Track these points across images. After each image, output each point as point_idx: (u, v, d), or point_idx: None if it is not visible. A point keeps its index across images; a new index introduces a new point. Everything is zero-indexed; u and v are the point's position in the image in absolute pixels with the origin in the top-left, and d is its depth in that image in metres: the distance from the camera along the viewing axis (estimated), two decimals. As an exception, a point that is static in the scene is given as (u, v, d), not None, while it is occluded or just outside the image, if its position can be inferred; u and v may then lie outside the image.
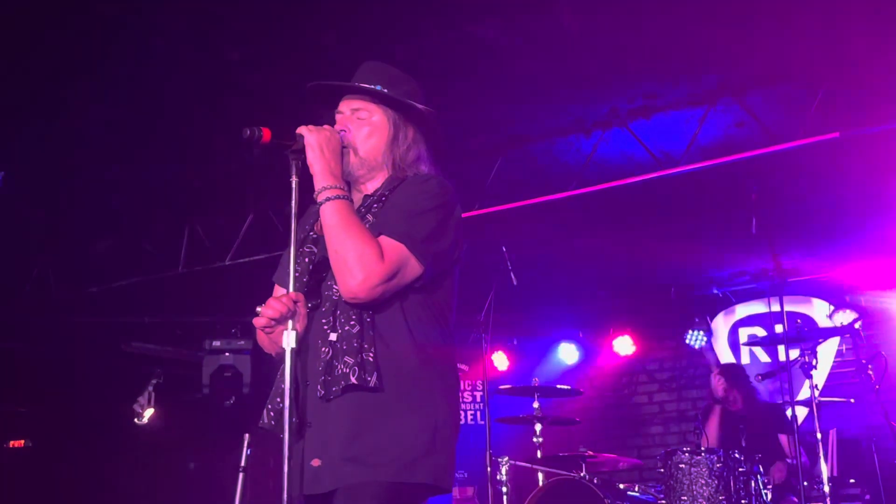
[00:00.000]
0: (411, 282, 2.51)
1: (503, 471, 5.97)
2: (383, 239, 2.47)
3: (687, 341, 8.84)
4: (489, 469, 5.96)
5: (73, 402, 9.39)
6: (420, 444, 2.46)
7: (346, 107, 2.72)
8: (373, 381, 2.42)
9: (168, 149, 6.52)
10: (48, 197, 7.23)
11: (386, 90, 2.69)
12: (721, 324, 9.07)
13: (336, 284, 2.50)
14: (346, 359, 2.43)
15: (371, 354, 2.44)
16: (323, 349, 2.49)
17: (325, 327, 2.50)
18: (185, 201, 7.32)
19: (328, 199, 2.48)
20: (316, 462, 2.46)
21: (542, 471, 6.12)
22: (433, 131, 2.79)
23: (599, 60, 5.51)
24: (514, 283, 6.24)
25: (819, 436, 5.24)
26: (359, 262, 2.40)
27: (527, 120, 6.30)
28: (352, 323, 2.47)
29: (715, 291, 8.95)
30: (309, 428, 2.48)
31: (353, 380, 2.40)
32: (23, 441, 8.03)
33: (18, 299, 8.55)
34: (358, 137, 2.67)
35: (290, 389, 2.34)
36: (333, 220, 2.46)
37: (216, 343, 8.11)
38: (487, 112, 6.19)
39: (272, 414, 2.57)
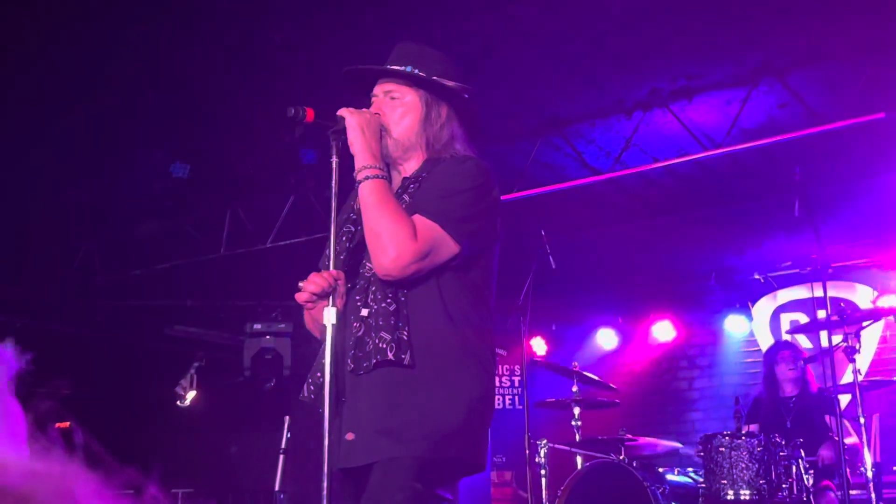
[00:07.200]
0: (447, 261, 2.54)
1: (542, 454, 5.93)
2: (417, 218, 2.51)
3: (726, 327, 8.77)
4: (528, 452, 5.95)
5: (116, 385, 9.55)
6: (453, 421, 2.48)
7: (380, 90, 2.76)
8: (407, 358, 2.45)
9: (212, 132, 6.58)
10: (92, 181, 7.33)
11: (417, 70, 2.72)
12: (763, 309, 8.97)
13: (370, 262, 2.53)
14: (383, 334, 2.47)
15: (405, 332, 2.48)
16: (355, 324, 2.53)
17: (358, 303, 2.55)
18: (228, 184, 7.39)
19: (367, 178, 2.53)
20: (350, 436, 2.50)
21: (580, 454, 6.09)
22: (470, 108, 2.80)
23: (640, 40, 5.47)
24: (553, 267, 6.19)
25: (862, 420, 5.18)
26: (392, 239, 2.44)
27: (566, 102, 6.27)
28: (388, 300, 2.50)
29: (756, 276, 8.84)
30: (344, 402, 2.52)
31: (391, 356, 2.44)
32: (68, 423, 8.17)
33: (63, 283, 8.70)
34: (392, 119, 2.70)
35: (331, 365, 2.38)
36: (370, 198, 2.51)
37: (257, 326, 8.20)
38: (526, 94, 6.16)
39: (312, 388, 2.64)
